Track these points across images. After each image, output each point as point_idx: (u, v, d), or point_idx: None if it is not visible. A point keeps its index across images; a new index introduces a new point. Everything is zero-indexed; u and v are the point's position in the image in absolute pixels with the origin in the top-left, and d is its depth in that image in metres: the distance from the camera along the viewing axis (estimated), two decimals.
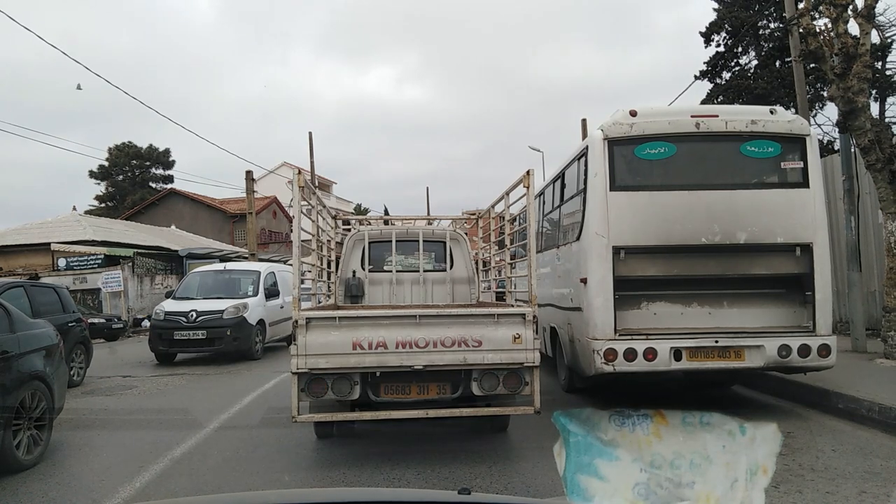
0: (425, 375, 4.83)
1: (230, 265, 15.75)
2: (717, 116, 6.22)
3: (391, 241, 7.70)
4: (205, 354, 12.29)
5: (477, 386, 4.84)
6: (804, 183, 6.14)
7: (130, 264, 23.25)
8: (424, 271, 7.69)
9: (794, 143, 6.20)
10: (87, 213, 40.14)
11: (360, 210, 58.93)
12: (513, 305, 5.87)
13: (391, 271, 7.66)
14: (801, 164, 6.17)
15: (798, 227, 6.07)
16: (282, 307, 13.82)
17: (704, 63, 24.15)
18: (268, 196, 42.69)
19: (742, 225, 6.04)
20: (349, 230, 8.57)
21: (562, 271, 7.42)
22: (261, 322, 12.66)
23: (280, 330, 13.83)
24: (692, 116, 6.20)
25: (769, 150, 6.17)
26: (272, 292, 13.52)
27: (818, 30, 8.09)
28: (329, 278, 7.58)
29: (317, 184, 35.59)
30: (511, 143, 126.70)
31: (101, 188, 49.56)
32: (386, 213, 59.41)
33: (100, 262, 22.98)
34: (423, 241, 7.72)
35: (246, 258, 23.36)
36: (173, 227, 36.51)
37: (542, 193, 9.39)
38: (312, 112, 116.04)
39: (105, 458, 5.51)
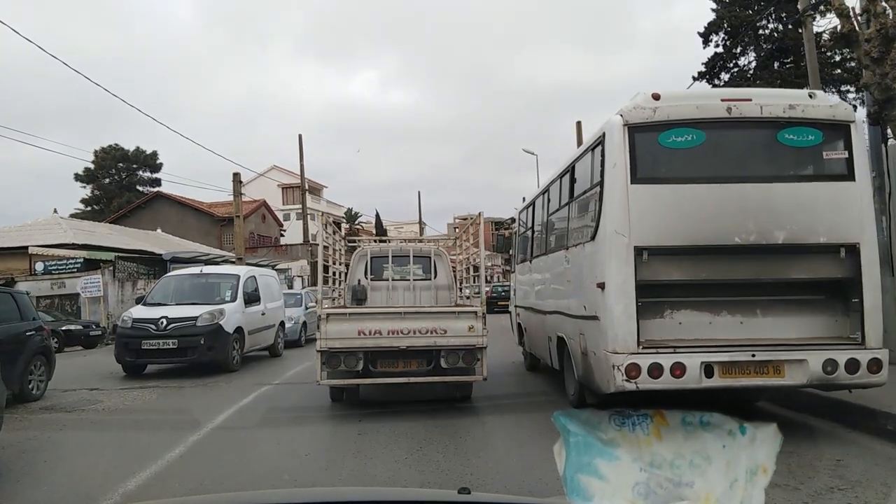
0: (408, 354, 6.78)
1: (207, 269, 14.64)
2: (750, 100, 5.49)
3: (388, 256, 9.65)
4: (178, 365, 11.24)
5: (444, 361, 6.72)
6: (849, 175, 5.42)
7: (111, 268, 22.31)
8: (414, 280, 9.51)
9: (838, 131, 5.48)
10: (73, 216, 39.15)
11: (350, 214, 58.17)
12: (472, 306, 7.48)
13: (388, 280, 9.47)
14: (845, 154, 5.46)
15: (843, 224, 5.35)
16: (263, 314, 12.80)
17: (703, 64, 23.64)
18: (256, 199, 41.77)
19: (780, 223, 5.32)
20: (355, 245, 10.91)
21: (572, 275, 6.69)
22: (239, 330, 11.57)
23: (261, 338, 12.75)
24: (723, 100, 5.49)
25: (810, 137, 5.45)
26: (252, 298, 12.45)
27: (851, 12, 7.42)
28: (339, 285, 9.47)
29: (307, 187, 34.88)
30: (500, 145, 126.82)
31: (86, 191, 48.51)
32: (378, 218, 58.75)
33: (79, 266, 22.06)
34: (413, 256, 9.67)
35: (233, 262, 22.47)
36: (159, 230, 35.51)
37: (546, 191, 8.67)
38: (301, 115, 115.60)
39: (46, 490, 4.73)
